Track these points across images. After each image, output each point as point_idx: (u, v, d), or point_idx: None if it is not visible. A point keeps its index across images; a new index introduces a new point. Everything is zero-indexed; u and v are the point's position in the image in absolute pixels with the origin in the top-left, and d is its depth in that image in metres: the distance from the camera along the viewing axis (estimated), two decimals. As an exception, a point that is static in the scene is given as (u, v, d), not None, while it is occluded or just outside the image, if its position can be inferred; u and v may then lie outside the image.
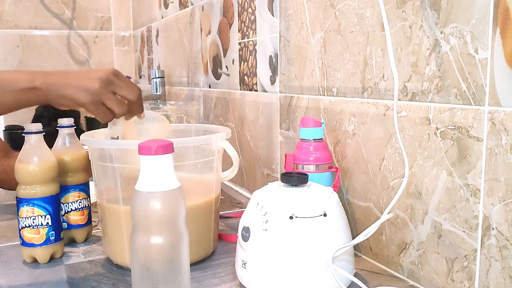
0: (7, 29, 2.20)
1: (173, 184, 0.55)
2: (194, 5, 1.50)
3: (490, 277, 0.58)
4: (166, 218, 0.55)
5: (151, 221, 0.55)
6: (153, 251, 0.55)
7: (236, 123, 1.26)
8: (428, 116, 0.65)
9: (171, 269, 0.56)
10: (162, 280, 0.55)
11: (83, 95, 0.72)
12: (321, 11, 0.86)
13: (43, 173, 0.76)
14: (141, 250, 0.55)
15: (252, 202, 0.66)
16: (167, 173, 0.55)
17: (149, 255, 0.55)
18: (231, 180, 1.31)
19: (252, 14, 1.13)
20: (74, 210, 0.86)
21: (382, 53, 0.72)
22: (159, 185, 0.55)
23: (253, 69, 1.14)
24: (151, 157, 0.54)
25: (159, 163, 0.55)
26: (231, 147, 0.78)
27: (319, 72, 0.88)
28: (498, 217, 0.56)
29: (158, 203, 0.54)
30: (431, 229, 0.66)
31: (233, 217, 1.02)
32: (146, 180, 0.55)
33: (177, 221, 0.56)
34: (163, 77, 1.77)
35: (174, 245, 0.56)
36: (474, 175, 0.59)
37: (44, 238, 0.77)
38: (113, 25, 2.38)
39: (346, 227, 0.65)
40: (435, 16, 0.63)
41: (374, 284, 0.69)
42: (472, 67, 0.58)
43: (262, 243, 0.62)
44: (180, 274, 0.56)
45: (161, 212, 0.55)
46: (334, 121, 0.85)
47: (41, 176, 0.76)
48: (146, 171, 0.55)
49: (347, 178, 0.83)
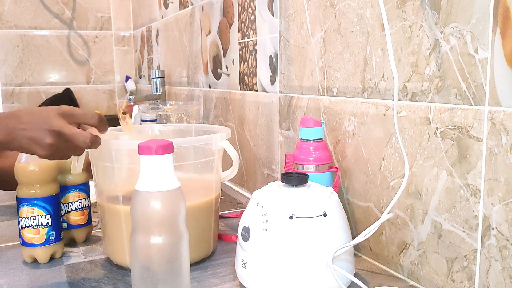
0: (7, 29, 2.21)
1: (173, 184, 0.55)
2: (194, 5, 1.50)
3: (490, 277, 0.58)
4: (166, 218, 0.55)
5: (151, 221, 0.55)
6: (153, 251, 0.55)
7: (236, 123, 1.26)
8: (428, 116, 0.65)
9: (171, 269, 0.56)
10: (162, 280, 0.55)
11: (40, 149, 0.64)
12: (321, 11, 0.86)
13: (43, 173, 0.76)
14: (141, 250, 0.55)
15: (252, 202, 0.66)
16: (167, 173, 0.55)
17: (149, 255, 0.55)
18: (231, 180, 1.31)
19: (252, 14, 1.13)
20: (74, 210, 0.86)
21: (382, 53, 0.72)
22: (159, 185, 0.55)
23: (253, 69, 1.14)
24: (151, 157, 0.54)
25: (159, 163, 0.55)
26: (231, 147, 0.78)
27: (319, 72, 0.88)
28: (498, 217, 0.56)
29: (158, 203, 0.54)
30: (431, 229, 0.66)
31: (233, 217, 1.02)
32: (146, 180, 0.55)
33: (177, 221, 0.56)
34: (163, 77, 1.77)
35: (174, 245, 0.56)
36: (474, 175, 0.59)
37: (44, 238, 0.77)
38: (113, 25, 2.38)
39: (346, 227, 0.65)
40: (435, 16, 0.63)
41: (374, 284, 0.69)
42: (472, 67, 0.58)
43: (262, 243, 0.62)
44: (180, 274, 0.56)
45: (161, 212, 0.55)
46: (334, 121, 0.85)
47: (41, 176, 0.76)
48: (146, 171, 0.55)
49: (347, 178, 0.83)
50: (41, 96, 2.29)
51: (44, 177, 0.76)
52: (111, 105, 2.43)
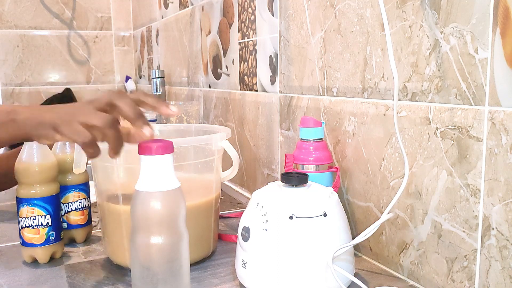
0: (7, 29, 2.20)
1: (173, 184, 0.55)
2: (194, 5, 1.50)
3: (490, 277, 0.58)
4: (166, 218, 0.55)
5: (151, 221, 0.55)
6: (153, 251, 0.55)
7: (236, 123, 1.26)
8: (428, 116, 0.65)
9: (171, 269, 0.56)
10: (162, 280, 0.55)
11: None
12: (321, 11, 0.86)
13: (43, 173, 0.76)
14: (141, 250, 0.55)
15: (252, 202, 0.66)
16: (167, 173, 0.55)
17: (149, 255, 0.55)
18: (231, 180, 1.31)
19: (252, 14, 1.13)
20: (74, 210, 0.86)
21: (382, 53, 0.72)
22: (159, 185, 0.55)
23: (253, 69, 1.14)
24: (151, 157, 0.54)
25: (159, 163, 0.55)
26: (231, 147, 0.78)
27: (319, 72, 0.88)
28: (498, 217, 0.56)
29: (158, 203, 0.54)
30: (431, 229, 0.66)
31: (233, 217, 1.02)
32: (146, 180, 0.55)
33: (177, 221, 0.56)
34: (163, 77, 1.77)
35: (174, 245, 0.56)
36: (474, 175, 0.59)
37: (44, 238, 0.77)
38: (113, 25, 2.38)
39: (346, 227, 0.65)
40: (435, 16, 0.63)
41: (374, 284, 0.69)
42: (472, 67, 0.58)
43: (262, 243, 0.62)
44: (180, 274, 0.56)
45: (161, 212, 0.55)
46: (334, 121, 0.85)
47: (41, 176, 0.76)
48: (146, 171, 0.55)
49: (347, 178, 0.83)
50: (41, 96, 2.29)
51: (44, 177, 0.76)
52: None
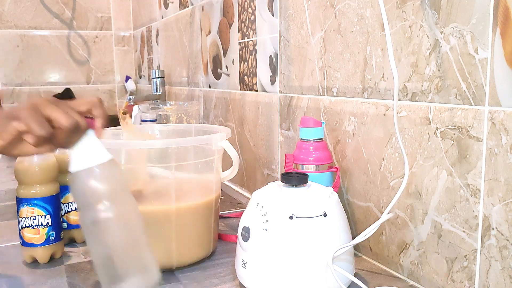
0: (7, 29, 2.20)
1: (103, 158, 0.55)
2: (194, 5, 1.50)
3: (490, 277, 0.58)
4: (107, 191, 0.55)
5: (93, 197, 0.55)
6: (102, 228, 0.55)
7: (236, 123, 1.26)
8: (428, 116, 0.65)
9: (126, 242, 0.56)
10: (120, 258, 0.55)
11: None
12: (321, 11, 0.86)
13: (43, 173, 0.76)
14: (91, 231, 0.55)
15: (252, 202, 0.66)
16: (94, 148, 0.55)
17: (99, 233, 0.55)
18: (231, 180, 1.31)
19: (252, 14, 1.13)
20: (74, 210, 0.86)
21: (382, 53, 0.72)
22: (88, 161, 0.55)
23: (253, 69, 1.14)
24: None
25: (83, 142, 0.55)
26: (231, 147, 0.78)
27: (319, 72, 0.88)
28: (498, 217, 0.56)
29: (91, 178, 0.55)
30: (431, 229, 0.66)
31: (233, 217, 1.02)
32: (75, 161, 0.55)
33: (118, 192, 0.56)
34: (163, 77, 1.77)
35: (124, 216, 0.56)
36: (474, 175, 0.59)
37: (44, 238, 0.77)
38: (113, 25, 2.38)
39: (346, 227, 0.65)
40: (435, 16, 0.63)
41: (374, 284, 0.69)
42: (472, 67, 0.58)
43: (262, 243, 0.62)
44: (138, 245, 0.56)
45: (99, 186, 0.55)
46: (334, 121, 0.85)
47: (41, 176, 0.76)
48: (73, 152, 0.55)
49: (347, 178, 0.83)
50: (41, 96, 2.29)
51: (44, 177, 0.76)
52: (111, 105, 2.43)
